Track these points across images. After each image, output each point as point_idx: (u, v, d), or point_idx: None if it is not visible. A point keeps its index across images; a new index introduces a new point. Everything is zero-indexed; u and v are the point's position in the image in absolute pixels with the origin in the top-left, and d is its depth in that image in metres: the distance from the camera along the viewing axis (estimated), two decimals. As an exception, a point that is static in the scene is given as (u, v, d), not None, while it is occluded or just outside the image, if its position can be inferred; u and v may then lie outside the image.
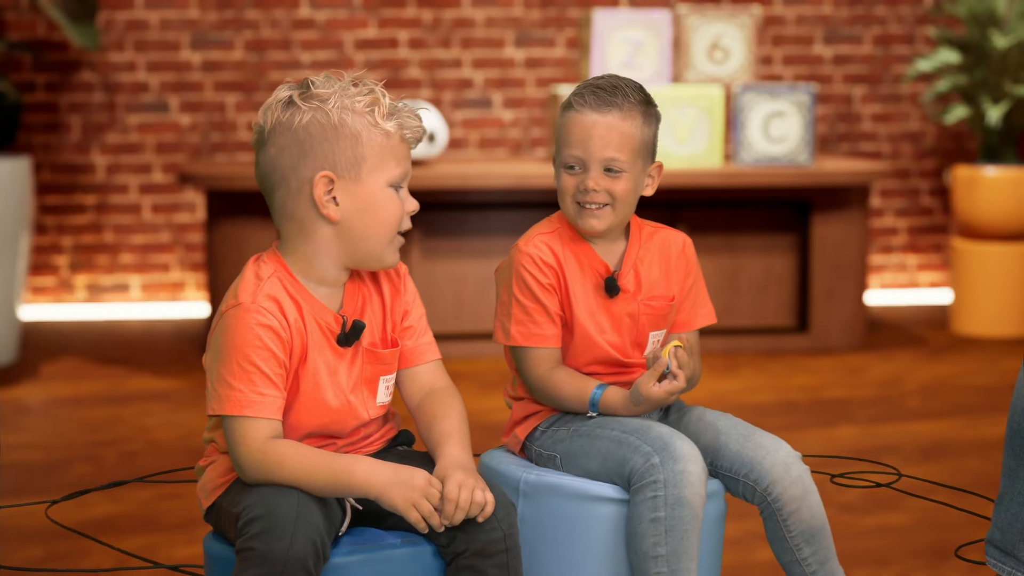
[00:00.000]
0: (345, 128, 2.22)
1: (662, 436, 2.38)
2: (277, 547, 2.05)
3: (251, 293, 2.22)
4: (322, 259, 2.27)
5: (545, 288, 2.48)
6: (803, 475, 2.45)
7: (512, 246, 2.53)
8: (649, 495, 2.34)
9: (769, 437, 2.48)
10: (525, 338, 2.48)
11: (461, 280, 6.00)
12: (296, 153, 2.22)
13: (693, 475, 2.33)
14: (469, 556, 2.19)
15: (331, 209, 2.23)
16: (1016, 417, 2.48)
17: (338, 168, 2.22)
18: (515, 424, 2.58)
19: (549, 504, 2.46)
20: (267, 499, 2.12)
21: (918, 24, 7.29)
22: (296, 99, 2.23)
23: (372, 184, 2.24)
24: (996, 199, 6.41)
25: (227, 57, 6.92)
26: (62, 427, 4.96)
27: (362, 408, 2.31)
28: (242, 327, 2.19)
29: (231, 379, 2.19)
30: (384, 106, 2.24)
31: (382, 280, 2.36)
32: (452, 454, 2.25)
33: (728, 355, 6.03)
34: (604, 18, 6.03)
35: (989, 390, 5.43)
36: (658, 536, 2.33)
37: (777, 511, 2.45)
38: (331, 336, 2.27)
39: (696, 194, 6.07)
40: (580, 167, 2.47)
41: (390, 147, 2.25)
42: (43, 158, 6.87)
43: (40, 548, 3.63)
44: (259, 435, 2.18)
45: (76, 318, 6.86)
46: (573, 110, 2.47)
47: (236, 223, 5.88)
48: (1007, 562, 2.49)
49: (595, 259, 2.52)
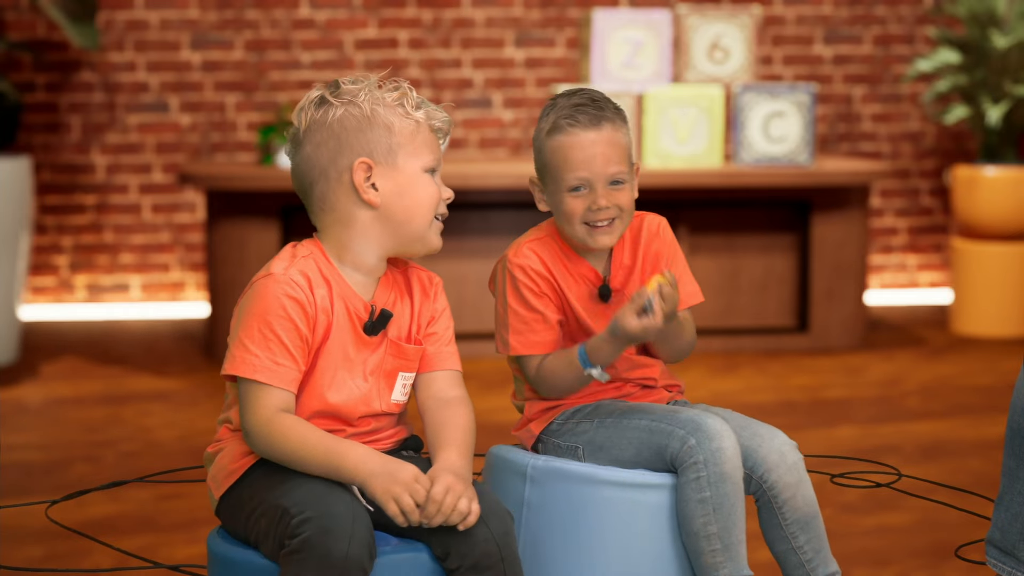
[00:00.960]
0: (378, 118, 2.29)
1: (692, 417, 2.41)
2: (337, 548, 2.07)
3: (284, 267, 2.27)
4: (361, 244, 2.31)
5: (539, 295, 2.49)
6: (798, 463, 2.48)
7: (500, 258, 2.53)
8: (692, 476, 2.38)
9: (765, 427, 2.50)
10: (524, 347, 2.50)
11: (461, 280, 6.00)
12: (333, 147, 2.29)
13: (729, 450, 2.38)
14: (465, 571, 2.19)
15: (371, 194, 2.29)
16: (1016, 417, 2.48)
17: (375, 155, 2.29)
18: (529, 420, 2.58)
19: (556, 489, 2.47)
20: (320, 497, 2.13)
21: (918, 24, 7.29)
22: (328, 97, 2.30)
23: (409, 169, 2.30)
24: (996, 199, 6.41)
25: (227, 57, 6.92)
26: (62, 427, 4.96)
27: (376, 398, 2.32)
28: (269, 296, 2.24)
29: (249, 343, 2.22)
30: (412, 98, 2.32)
31: (414, 284, 2.40)
32: (449, 459, 2.25)
33: (728, 355, 6.03)
34: (604, 18, 6.03)
35: (989, 390, 5.43)
36: (707, 516, 2.37)
37: (773, 499, 2.47)
38: (358, 322, 2.30)
39: (696, 194, 6.07)
40: (586, 187, 2.46)
41: (421, 135, 2.31)
42: (43, 158, 6.87)
43: (40, 548, 3.63)
44: (270, 404, 2.21)
45: (76, 318, 6.86)
46: (564, 133, 2.45)
47: (236, 223, 5.88)
48: (1007, 562, 2.50)
49: (584, 267, 2.52)
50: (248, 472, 2.27)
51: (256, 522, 2.21)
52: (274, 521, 2.16)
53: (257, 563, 2.21)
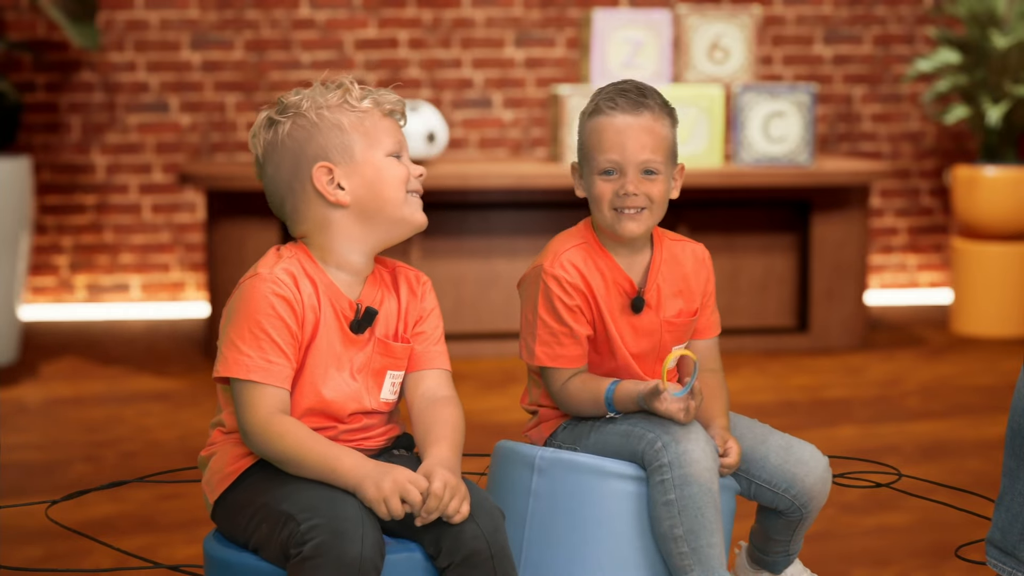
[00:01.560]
0: (325, 121, 2.30)
1: (663, 420, 2.41)
2: (350, 550, 2.07)
3: (270, 266, 2.28)
4: (344, 245, 2.32)
5: (572, 310, 2.46)
6: (829, 481, 2.53)
7: (536, 261, 2.51)
8: (658, 479, 2.38)
9: (806, 448, 2.52)
10: (550, 359, 2.48)
11: (461, 280, 6.00)
12: (291, 161, 2.31)
13: (697, 452, 2.36)
14: (455, 568, 2.19)
15: (339, 195, 2.30)
16: (1016, 417, 2.48)
17: (332, 156, 2.30)
18: (541, 422, 2.58)
19: (565, 479, 2.48)
20: (327, 500, 2.13)
21: (918, 24, 7.29)
22: (275, 116, 2.32)
23: (370, 159, 2.31)
24: (996, 199, 6.41)
25: (227, 57, 6.92)
26: (62, 427, 4.96)
27: (365, 395, 2.32)
28: (257, 295, 2.24)
29: (241, 344, 2.23)
30: (355, 92, 2.32)
31: (402, 283, 2.40)
32: (441, 454, 2.26)
33: (728, 355, 6.01)
34: (604, 18, 6.03)
35: (989, 390, 5.43)
36: (673, 518, 2.37)
37: (804, 517, 2.54)
38: (344, 321, 2.30)
39: (696, 194, 6.07)
40: (617, 171, 2.44)
41: (373, 124, 2.32)
42: (43, 158, 6.87)
43: (40, 548, 3.62)
44: (267, 403, 2.22)
45: (76, 318, 6.86)
46: (603, 115, 2.45)
47: (236, 223, 5.88)
48: (1007, 562, 2.49)
49: (620, 275, 2.50)
50: (243, 476, 2.27)
51: (256, 528, 2.21)
52: (277, 527, 2.16)
53: (254, 566, 2.20)
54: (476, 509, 2.20)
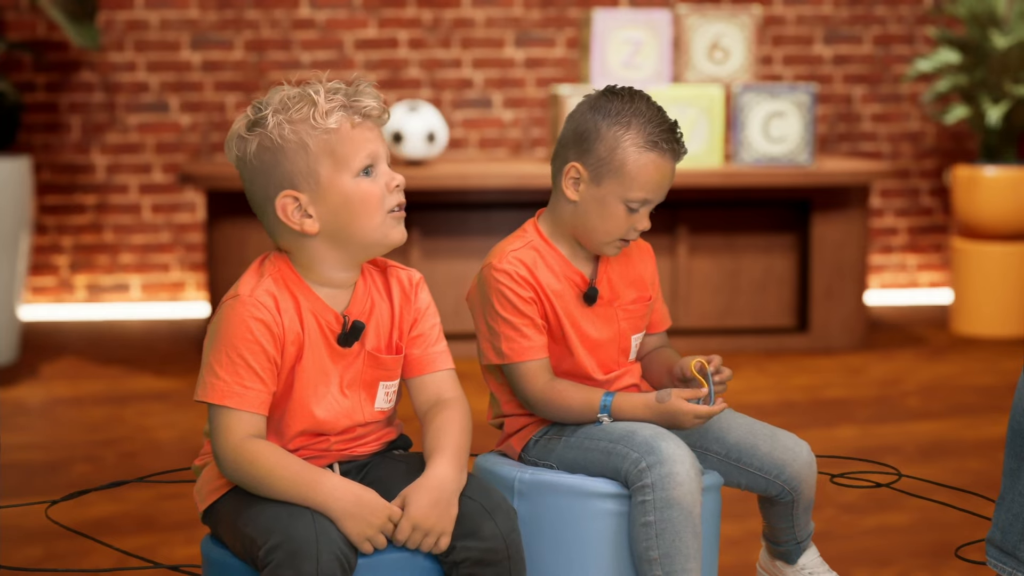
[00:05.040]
0: (288, 144, 2.20)
1: (647, 440, 2.38)
2: (306, 569, 2.06)
3: (251, 287, 2.23)
4: (321, 265, 2.26)
5: (527, 301, 2.46)
6: (814, 463, 2.58)
7: (481, 268, 2.50)
8: (639, 499, 2.36)
9: (788, 436, 2.57)
10: (518, 354, 2.46)
11: (461, 280, 6.00)
12: (261, 182, 2.24)
13: (681, 475, 2.34)
14: (469, 565, 2.18)
15: (307, 224, 2.22)
16: (1017, 417, 2.48)
17: (298, 184, 2.21)
18: (508, 436, 2.57)
19: (545, 502, 2.46)
20: (283, 522, 2.12)
21: (918, 24, 7.29)
22: (243, 132, 2.24)
23: (337, 184, 2.21)
24: (996, 199, 6.41)
25: (227, 57, 6.92)
26: (62, 427, 4.96)
27: (358, 410, 2.30)
28: (236, 319, 2.20)
29: (218, 368, 2.19)
30: (321, 106, 2.19)
31: (393, 286, 2.34)
32: (435, 472, 2.22)
33: (728, 355, 6.03)
34: (604, 18, 6.03)
35: (989, 390, 5.43)
36: (649, 540, 2.35)
37: (796, 500, 2.58)
38: (331, 335, 2.26)
39: (696, 194, 6.07)
40: (640, 207, 2.48)
41: (341, 141, 2.20)
42: (43, 158, 6.87)
43: (40, 548, 3.62)
44: (239, 429, 2.18)
45: (76, 318, 6.86)
46: (657, 152, 2.45)
47: (236, 223, 5.88)
48: (1007, 562, 2.50)
49: (570, 269, 2.51)
50: (228, 493, 2.26)
51: (233, 546, 2.22)
52: (245, 548, 2.17)
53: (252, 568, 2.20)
54: (493, 508, 2.20)
